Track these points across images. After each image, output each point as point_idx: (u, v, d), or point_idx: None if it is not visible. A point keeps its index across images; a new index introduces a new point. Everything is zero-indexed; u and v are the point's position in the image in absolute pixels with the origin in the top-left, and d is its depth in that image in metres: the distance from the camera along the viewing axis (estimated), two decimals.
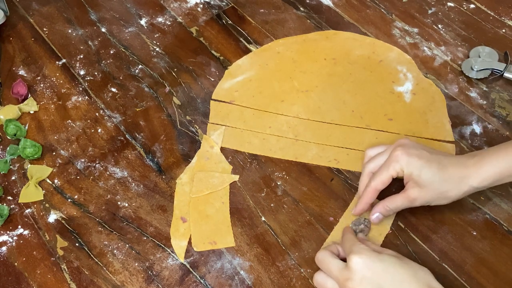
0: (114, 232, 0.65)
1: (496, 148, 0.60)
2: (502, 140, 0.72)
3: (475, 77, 0.79)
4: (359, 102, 0.76)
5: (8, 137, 0.74)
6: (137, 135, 0.74)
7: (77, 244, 0.64)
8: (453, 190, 0.59)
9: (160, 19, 0.89)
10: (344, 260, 0.56)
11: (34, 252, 0.64)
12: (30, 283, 0.62)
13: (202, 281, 0.61)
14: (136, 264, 0.63)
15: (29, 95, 0.79)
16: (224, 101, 0.77)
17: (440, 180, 0.58)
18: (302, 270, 0.62)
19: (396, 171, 0.60)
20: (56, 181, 0.70)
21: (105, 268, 0.63)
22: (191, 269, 0.62)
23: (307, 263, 0.62)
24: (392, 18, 0.88)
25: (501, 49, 0.82)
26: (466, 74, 0.79)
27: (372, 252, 0.54)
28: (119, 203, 0.68)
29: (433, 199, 0.60)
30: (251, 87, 0.79)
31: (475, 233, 0.64)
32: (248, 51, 0.84)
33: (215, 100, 0.78)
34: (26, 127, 0.75)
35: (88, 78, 0.81)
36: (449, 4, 0.89)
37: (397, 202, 0.61)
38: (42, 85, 0.80)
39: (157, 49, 0.85)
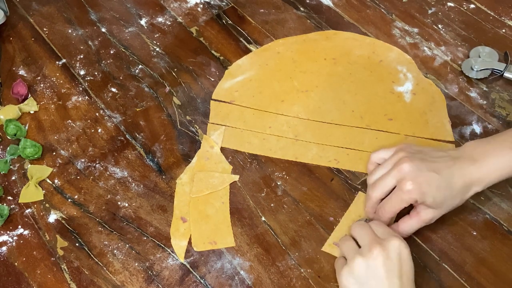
0: (114, 232, 0.65)
1: (497, 146, 0.60)
2: None
3: (475, 77, 0.79)
4: (359, 102, 0.76)
5: (8, 137, 0.74)
6: (137, 135, 0.74)
7: (77, 244, 0.64)
8: (461, 201, 0.60)
9: (160, 19, 0.89)
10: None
11: (34, 252, 0.64)
12: (30, 283, 0.62)
13: (202, 281, 0.61)
14: (136, 264, 0.63)
15: (29, 95, 0.79)
16: (224, 101, 0.77)
17: (450, 198, 0.59)
18: (302, 270, 0.62)
19: (408, 203, 0.60)
20: (56, 181, 0.70)
21: (105, 268, 0.63)
22: (191, 269, 0.62)
23: (307, 263, 0.62)
24: (392, 18, 0.88)
25: (501, 49, 0.82)
26: (466, 74, 0.79)
27: None
28: (119, 203, 0.68)
29: (445, 212, 0.61)
30: (251, 87, 0.79)
31: (475, 233, 0.64)
32: (248, 51, 0.84)
33: (215, 100, 0.78)
34: (26, 127, 0.75)
35: (88, 78, 0.81)
36: (449, 4, 0.89)
37: (413, 225, 0.61)
38: (42, 85, 0.80)
39: (157, 49, 0.85)
